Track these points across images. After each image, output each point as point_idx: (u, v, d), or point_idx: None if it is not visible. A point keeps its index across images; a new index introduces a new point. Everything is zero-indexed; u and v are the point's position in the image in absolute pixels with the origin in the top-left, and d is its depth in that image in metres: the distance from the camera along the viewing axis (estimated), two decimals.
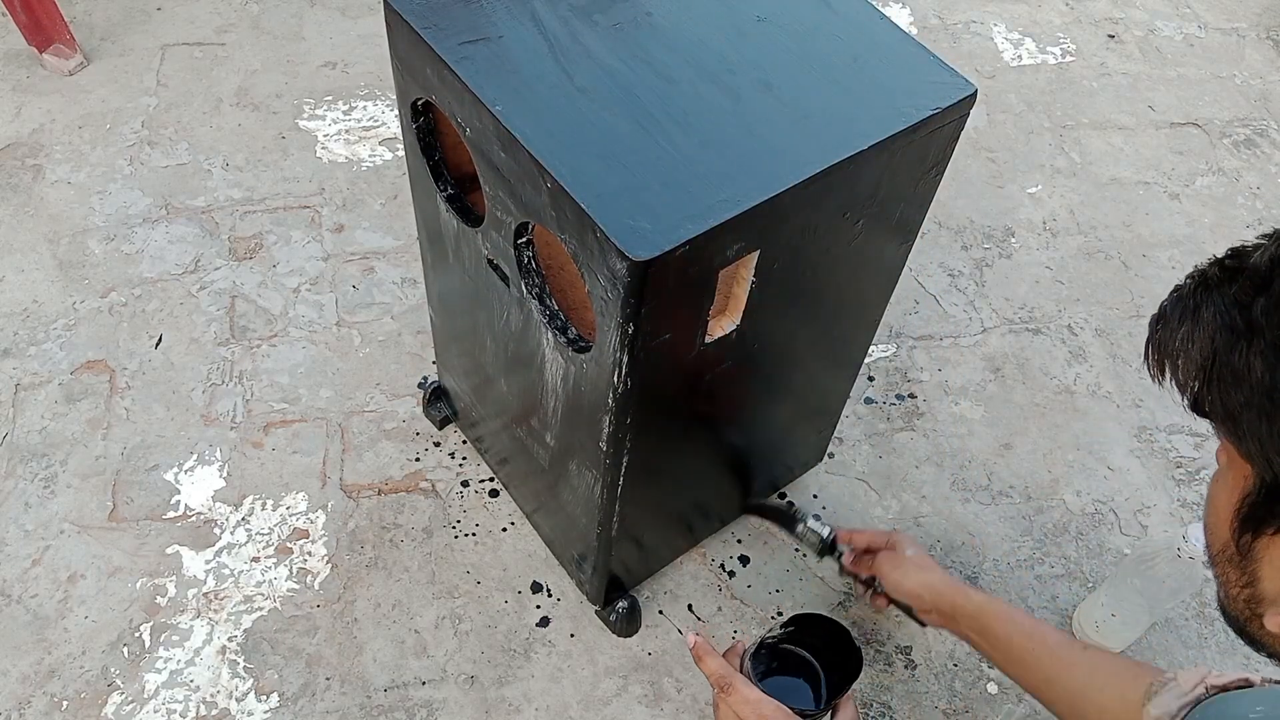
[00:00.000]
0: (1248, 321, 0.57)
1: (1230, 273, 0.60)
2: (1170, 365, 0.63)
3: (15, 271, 1.72)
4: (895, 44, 1.01)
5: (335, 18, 2.19)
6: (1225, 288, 0.60)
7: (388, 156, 1.93)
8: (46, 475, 1.49)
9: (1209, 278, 0.62)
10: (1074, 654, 1.05)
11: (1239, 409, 0.58)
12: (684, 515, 1.37)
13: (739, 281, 0.97)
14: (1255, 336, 0.57)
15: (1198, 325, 0.60)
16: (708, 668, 0.99)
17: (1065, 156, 2.07)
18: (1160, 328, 0.64)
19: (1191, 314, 0.61)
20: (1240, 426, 0.58)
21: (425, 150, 1.10)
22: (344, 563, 1.43)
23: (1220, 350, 0.58)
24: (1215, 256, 0.63)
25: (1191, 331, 0.61)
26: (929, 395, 1.67)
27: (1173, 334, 0.62)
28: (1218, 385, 0.59)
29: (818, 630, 1.10)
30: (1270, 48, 2.36)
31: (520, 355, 1.12)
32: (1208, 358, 0.59)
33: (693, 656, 1.01)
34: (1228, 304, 0.59)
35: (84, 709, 1.29)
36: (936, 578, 1.19)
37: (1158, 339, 0.64)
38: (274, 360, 1.63)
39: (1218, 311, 0.59)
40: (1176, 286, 0.65)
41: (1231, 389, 0.58)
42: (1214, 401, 0.59)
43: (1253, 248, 0.60)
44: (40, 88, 2.00)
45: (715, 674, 0.98)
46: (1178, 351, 0.62)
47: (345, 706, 1.30)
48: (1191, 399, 0.62)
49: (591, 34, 0.97)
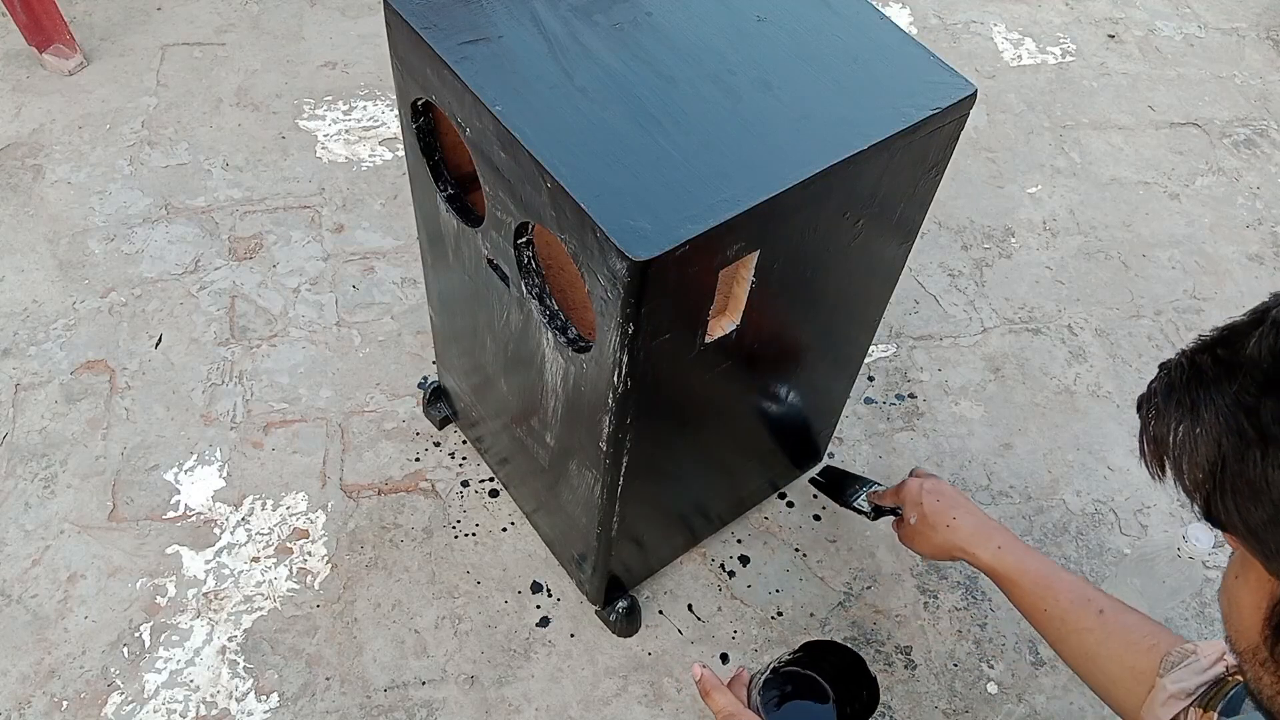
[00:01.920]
0: (1258, 429, 0.52)
1: (1226, 367, 0.55)
2: (1172, 465, 0.58)
3: (15, 271, 1.72)
4: (895, 44, 1.01)
5: (335, 18, 2.19)
6: (1224, 384, 0.55)
7: (388, 156, 1.93)
8: (46, 475, 1.49)
9: (1202, 370, 0.57)
10: (1088, 617, 1.02)
11: (1262, 526, 0.53)
12: (684, 515, 1.37)
13: (739, 281, 0.97)
14: (1270, 447, 0.52)
15: (1198, 424, 0.56)
16: (715, 704, 0.97)
17: (1065, 156, 2.07)
18: (1154, 419, 0.59)
19: (1190, 412, 0.56)
20: (1267, 545, 0.54)
21: (425, 150, 1.10)
22: (344, 563, 1.43)
23: (1230, 458, 0.54)
24: (1203, 338, 0.58)
25: (1192, 431, 0.56)
26: (929, 395, 1.67)
27: (1169, 429, 0.58)
28: (1233, 498, 0.54)
29: (831, 657, 1.03)
30: (1270, 48, 2.36)
31: (520, 355, 1.12)
32: (1215, 463, 0.55)
33: (699, 690, 0.98)
34: (1230, 405, 0.54)
35: (84, 709, 1.29)
36: (941, 539, 1.17)
37: (1153, 433, 0.59)
38: (274, 360, 1.63)
39: (1221, 413, 0.54)
40: (1164, 367, 0.60)
41: (1251, 504, 0.53)
42: (1230, 514, 0.55)
43: (1244, 330, 0.55)
44: (40, 88, 2.00)
45: (723, 711, 0.96)
46: (1179, 452, 0.57)
47: (345, 706, 1.30)
48: (1203, 508, 0.57)
49: (591, 34, 0.97)
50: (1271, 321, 0.54)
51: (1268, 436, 0.52)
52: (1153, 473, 0.60)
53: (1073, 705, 1.35)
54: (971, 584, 1.45)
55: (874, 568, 1.46)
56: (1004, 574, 1.10)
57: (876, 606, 1.43)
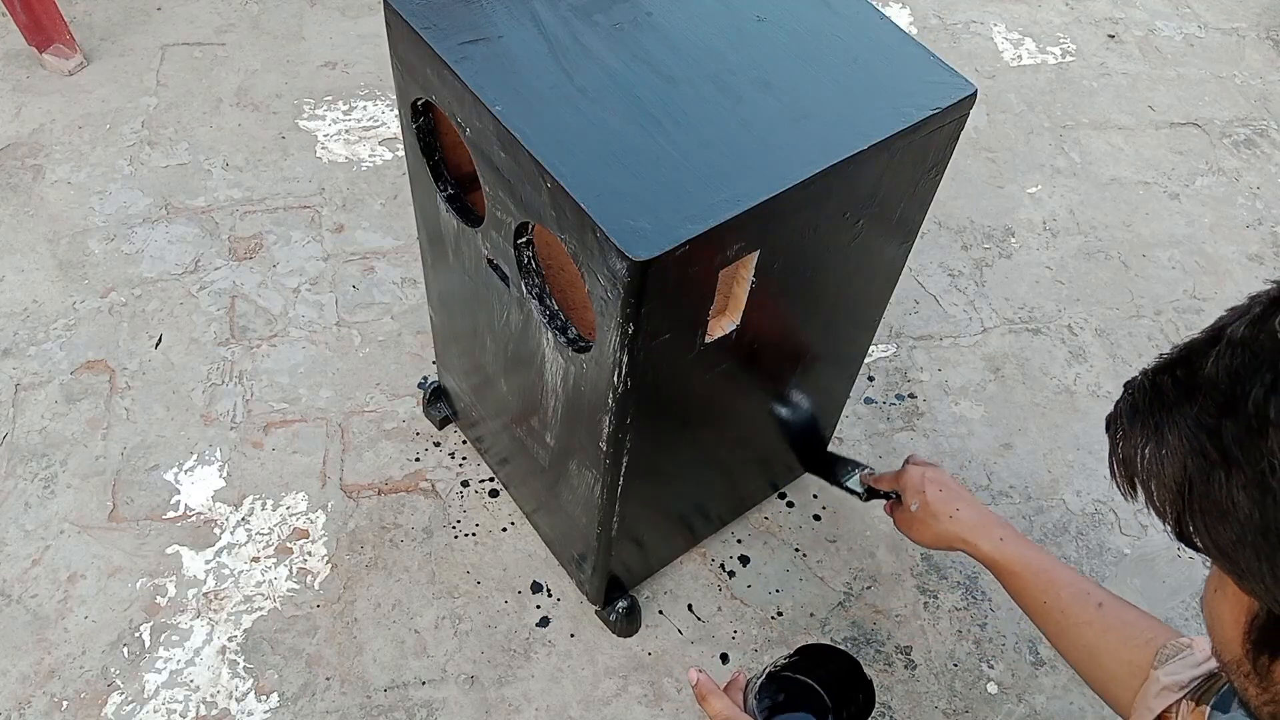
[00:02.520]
0: (1220, 450, 0.52)
1: (1186, 388, 0.55)
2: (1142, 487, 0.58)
3: (15, 271, 1.72)
4: (895, 44, 1.01)
5: (335, 18, 2.19)
6: (1185, 406, 0.54)
7: (388, 156, 1.93)
8: (46, 475, 1.49)
9: (1163, 391, 0.57)
10: (1087, 611, 1.02)
11: (1232, 546, 0.54)
12: (684, 515, 1.37)
13: (739, 281, 0.97)
14: (1234, 468, 0.52)
15: (1163, 445, 0.56)
16: (712, 708, 0.97)
17: (1065, 156, 2.07)
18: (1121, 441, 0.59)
19: (1155, 434, 0.56)
20: (1239, 565, 0.54)
21: (425, 150, 1.10)
22: (344, 563, 1.43)
23: (1196, 480, 0.54)
24: (1163, 357, 0.58)
25: (1158, 453, 0.56)
26: (929, 395, 1.67)
27: (1136, 451, 0.58)
28: (1202, 518, 0.54)
29: (827, 662, 1.02)
30: (1270, 48, 2.36)
31: (520, 355, 1.12)
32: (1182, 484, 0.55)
33: (696, 695, 0.98)
34: (1192, 426, 0.54)
35: (84, 709, 1.29)
36: (942, 528, 1.17)
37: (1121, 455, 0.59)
38: (274, 360, 1.63)
39: (1184, 436, 0.54)
40: (1128, 386, 0.60)
41: (1219, 525, 0.54)
42: (1201, 534, 0.55)
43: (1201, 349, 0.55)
44: (40, 88, 2.00)
45: (719, 715, 0.96)
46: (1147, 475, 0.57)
47: (345, 706, 1.30)
48: (1175, 529, 0.57)
49: (591, 34, 0.97)
50: (1228, 341, 0.53)
51: (1230, 458, 0.52)
52: (1124, 493, 0.60)
53: (1072, 705, 1.35)
54: (971, 584, 1.45)
55: (874, 568, 1.46)
56: (1005, 565, 1.11)
57: (876, 606, 1.43)
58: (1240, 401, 0.51)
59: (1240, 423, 0.51)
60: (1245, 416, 0.51)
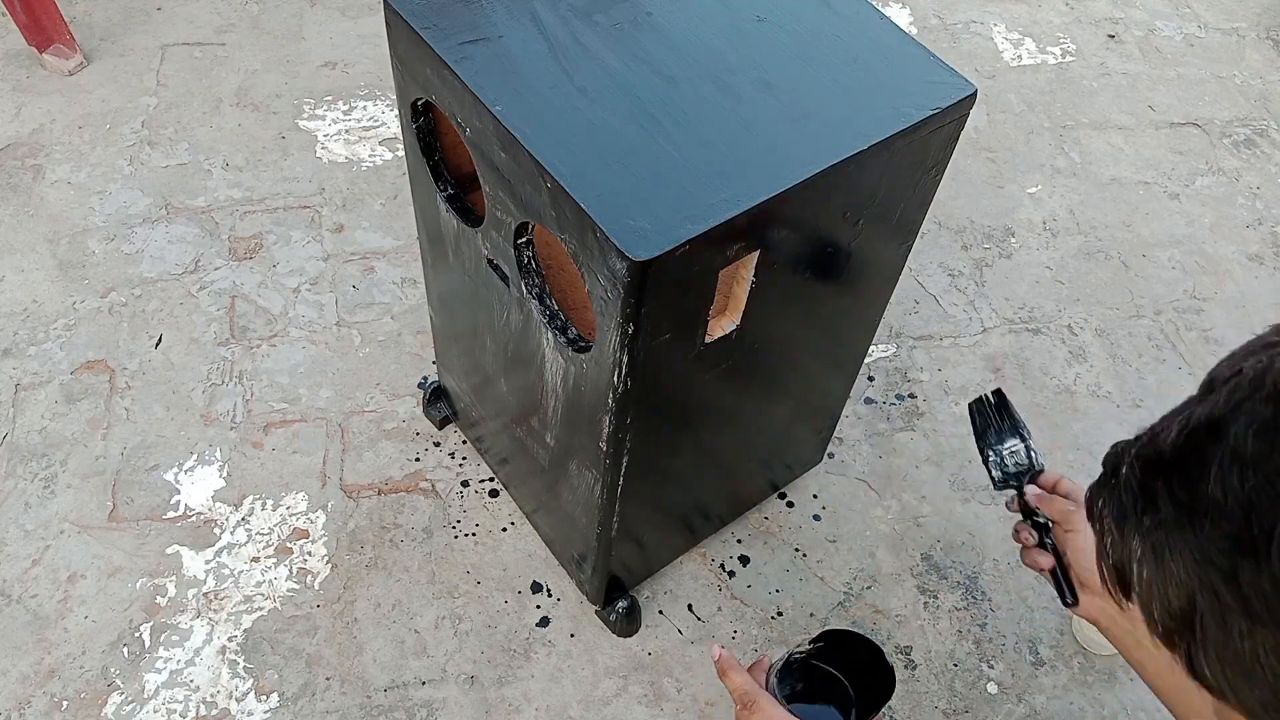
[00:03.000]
0: (1240, 598, 0.44)
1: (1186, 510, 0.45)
2: (1140, 606, 0.49)
3: (15, 271, 1.72)
4: (895, 44, 1.01)
5: (335, 18, 2.19)
6: (1187, 533, 0.45)
7: (388, 156, 1.93)
8: (46, 475, 1.49)
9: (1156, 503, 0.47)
10: None
11: (1262, 709, 0.45)
12: (684, 515, 1.37)
13: (739, 281, 0.97)
14: (1257, 625, 0.43)
15: (1162, 568, 0.47)
16: (732, 682, 0.97)
17: (1065, 156, 2.07)
18: (1110, 544, 0.50)
19: (1153, 554, 0.47)
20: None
21: (425, 150, 1.10)
22: (344, 563, 1.43)
23: (1209, 620, 0.45)
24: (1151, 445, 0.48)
25: (1159, 576, 0.47)
26: (929, 395, 1.67)
27: (1129, 563, 0.49)
28: (1219, 665, 0.46)
29: (848, 647, 1.04)
30: (1270, 48, 2.36)
31: (520, 355, 1.12)
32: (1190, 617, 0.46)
33: (717, 670, 0.99)
34: (1199, 559, 0.45)
35: (84, 709, 1.29)
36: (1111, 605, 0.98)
37: (1112, 561, 0.50)
38: (274, 360, 1.63)
39: (1189, 569, 0.45)
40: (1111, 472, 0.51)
41: (1243, 682, 0.45)
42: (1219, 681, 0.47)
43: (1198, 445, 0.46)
44: (40, 88, 2.00)
45: (740, 690, 0.96)
46: (1146, 595, 0.49)
47: (345, 706, 1.30)
48: (1187, 665, 0.48)
49: (591, 34, 0.97)
50: (1234, 455, 0.44)
51: (1252, 612, 0.43)
52: (1117, 600, 0.51)
53: (1072, 705, 1.35)
54: (971, 584, 1.45)
55: (874, 568, 1.46)
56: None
57: (876, 606, 1.43)
58: (1259, 543, 0.42)
59: (1264, 572, 0.42)
60: (1271, 567, 0.42)
